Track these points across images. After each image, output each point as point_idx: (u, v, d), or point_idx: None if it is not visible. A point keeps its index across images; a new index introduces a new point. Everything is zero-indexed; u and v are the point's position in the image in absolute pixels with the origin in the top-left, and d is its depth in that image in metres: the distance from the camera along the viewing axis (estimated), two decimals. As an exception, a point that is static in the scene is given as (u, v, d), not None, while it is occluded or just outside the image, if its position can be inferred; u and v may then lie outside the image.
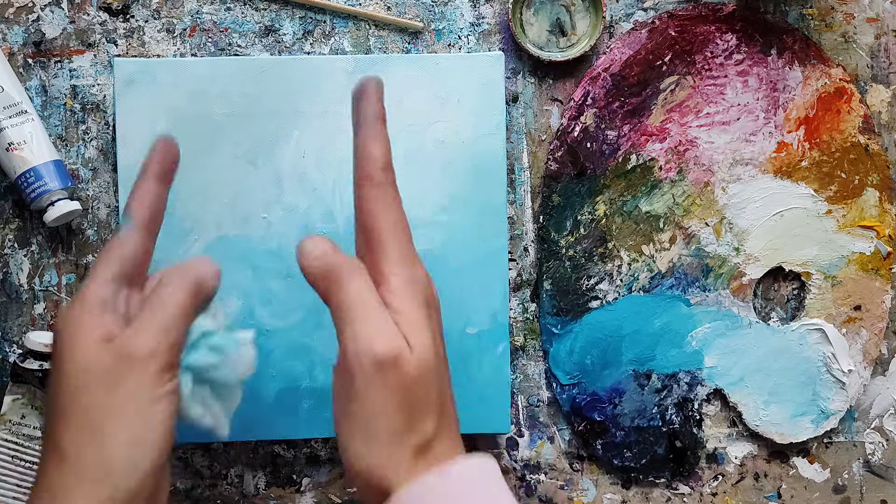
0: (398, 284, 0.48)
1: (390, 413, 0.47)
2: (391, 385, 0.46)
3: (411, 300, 0.48)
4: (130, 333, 0.46)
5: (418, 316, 0.48)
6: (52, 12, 0.64)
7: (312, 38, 0.65)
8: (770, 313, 0.67)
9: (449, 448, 0.48)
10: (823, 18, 0.67)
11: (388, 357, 0.46)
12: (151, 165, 0.50)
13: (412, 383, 0.47)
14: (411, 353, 0.47)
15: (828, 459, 0.68)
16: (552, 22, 0.66)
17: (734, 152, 0.66)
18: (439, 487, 0.46)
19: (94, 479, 0.45)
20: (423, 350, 0.47)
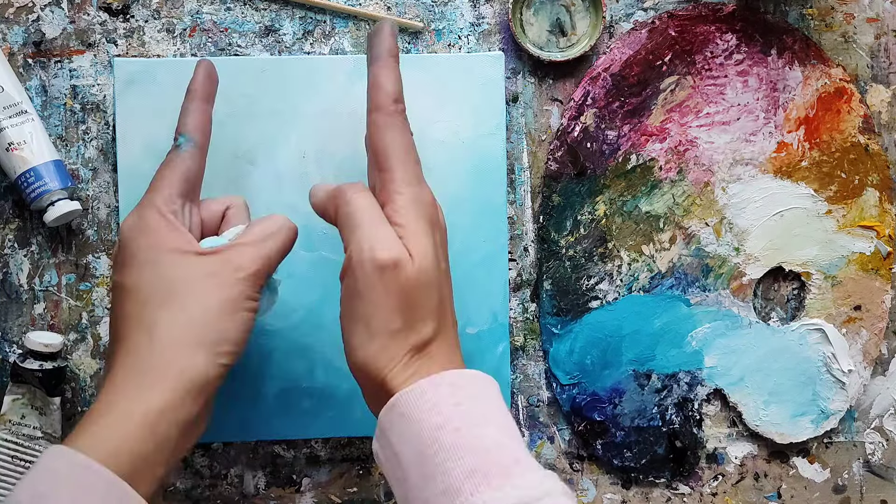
0: (403, 203, 0.52)
1: (389, 312, 0.50)
2: (391, 287, 0.50)
3: (415, 216, 0.52)
4: (238, 251, 0.52)
5: (420, 229, 0.52)
6: (52, 12, 0.64)
7: (312, 38, 0.65)
8: (770, 313, 0.67)
9: (447, 353, 0.52)
10: (823, 18, 0.67)
11: (388, 261, 0.50)
12: (199, 87, 0.56)
13: (411, 287, 0.51)
14: (412, 260, 0.51)
15: (828, 459, 0.68)
16: (552, 22, 0.66)
17: (734, 152, 0.66)
18: (431, 392, 0.49)
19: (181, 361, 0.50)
20: (422, 258, 0.51)
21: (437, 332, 0.52)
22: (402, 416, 0.49)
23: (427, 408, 0.49)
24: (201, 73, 0.56)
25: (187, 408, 0.50)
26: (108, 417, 0.48)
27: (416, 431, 0.48)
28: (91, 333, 0.65)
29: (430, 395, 0.49)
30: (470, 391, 0.50)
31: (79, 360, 0.65)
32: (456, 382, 0.50)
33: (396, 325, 0.50)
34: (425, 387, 0.49)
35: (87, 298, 0.65)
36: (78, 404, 0.65)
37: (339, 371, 0.63)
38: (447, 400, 0.49)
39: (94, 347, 0.65)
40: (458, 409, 0.49)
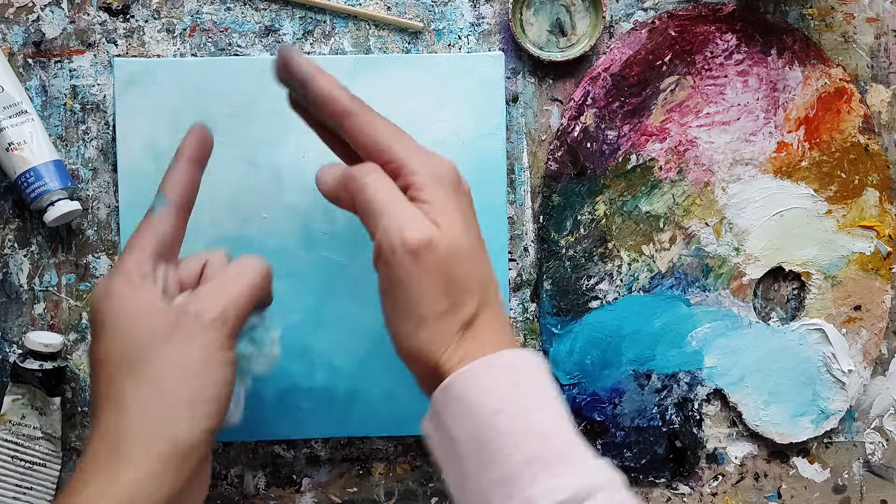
0: (421, 181, 0.50)
1: (433, 295, 0.49)
2: (429, 268, 0.48)
3: (438, 191, 0.50)
4: (198, 297, 0.49)
5: (445, 202, 0.50)
6: (52, 12, 0.64)
7: (312, 38, 0.65)
8: (770, 313, 0.67)
9: (494, 325, 0.50)
10: (823, 18, 0.67)
11: (420, 242, 0.48)
12: (186, 149, 0.52)
13: (448, 263, 0.49)
14: (442, 233, 0.49)
15: (828, 459, 0.68)
16: (552, 22, 0.66)
17: (734, 152, 0.66)
18: (487, 375, 0.48)
19: (153, 430, 0.46)
20: (452, 230, 0.49)
21: (481, 305, 0.50)
22: (457, 399, 0.48)
23: (484, 390, 0.47)
24: (192, 134, 0.52)
25: (169, 480, 0.46)
26: (78, 499, 0.45)
27: (472, 415, 0.47)
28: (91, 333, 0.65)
29: (487, 378, 0.48)
30: (526, 373, 0.49)
31: (79, 360, 0.65)
32: (512, 363, 0.49)
33: (443, 306, 0.49)
34: (481, 369, 0.48)
35: (87, 298, 0.65)
36: (78, 404, 0.65)
37: (339, 371, 0.63)
38: (504, 382, 0.48)
39: (94, 347, 0.65)
40: (514, 391, 0.47)
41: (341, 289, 0.63)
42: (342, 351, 0.63)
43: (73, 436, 0.65)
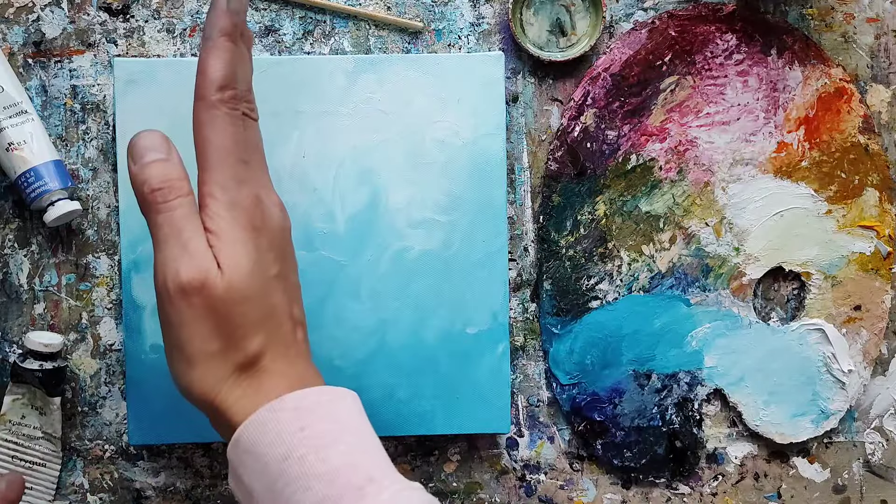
0: (216, 208, 0.48)
1: (202, 335, 0.47)
2: (199, 308, 0.47)
3: (230, 222, 0.47)
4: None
5: (235, 237, 0.47)
6: (52, 12, 0.64)
7: (312, 38, 0.65)
8: (770, 313, 0.67)
9: (285, 365, 0.49)
10: (823, 18, 0.67)
11: (191, 283, 0.46)
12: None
13: (223, 304, 0.47)
14: (221, 274, 0.47)
15: (828, 459, 0.68)
16: (552, 22, 0.66)
17: (734, 152, 0.66)
18: (272, 422, 0.46)
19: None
20: (234, 270, 0.47)
21: (266, 346, 0.48)
22: (247, 452, 0.46)
23: (270, 439, 0.46)
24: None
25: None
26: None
27: (262, 466, 0.46)
28: (91, 333, 0.65)
29: (272, 425, 0.46)
30: (315, 412, 0.47)
31: (79, 360, 0.65)
32: (298, 406, 0.47)
33: (213, 347, 0.47)
34: (265, 417, 0.46)
35: (87, 298, 0.65)
36: (78, 404, 0.65)
37: (339, 371, 0.63)
38: (290, 427, 0.46)
39: (94, 347, 0.65)
40: (302, 434, 0.46)
41: (341, 289, 0.63)
42: (342, 351, 0.63)
43: (73, 436, 0.65)
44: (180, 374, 0.48)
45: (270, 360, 0.48)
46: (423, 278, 0.64)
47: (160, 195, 0.47)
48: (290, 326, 0.50)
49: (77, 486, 0.65)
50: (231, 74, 0.48)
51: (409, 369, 0.64)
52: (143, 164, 0.48)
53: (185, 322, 0.47)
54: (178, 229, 0.47)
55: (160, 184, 0.47)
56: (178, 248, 0.47)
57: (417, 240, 0.64)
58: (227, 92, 0.48)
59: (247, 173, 0.49)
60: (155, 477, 0.65)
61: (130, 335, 0.63)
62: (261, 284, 0.48)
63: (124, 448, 0.65)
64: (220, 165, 0.48)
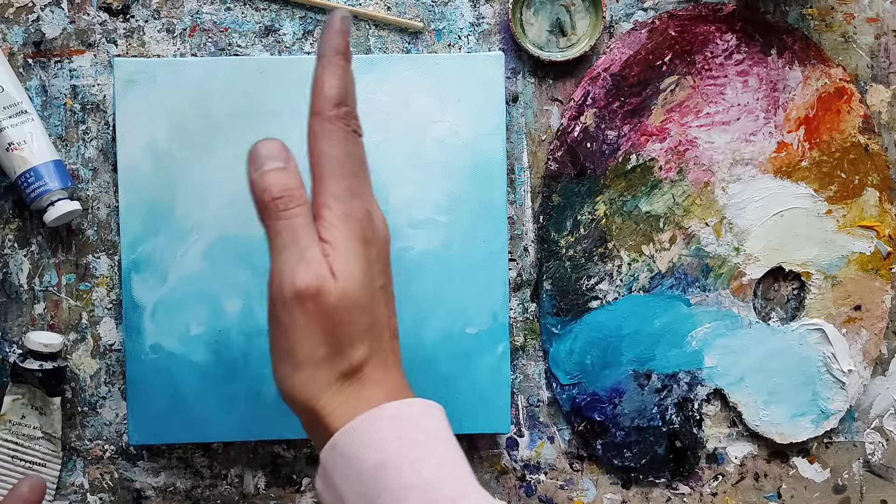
0: (332, 219, 0.49)
1: (312, 341, 0.48)
2: (312, 314, 0.48)
3: (344, 233, 0.49)
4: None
5: (347, 247, 0.49)
6: (52, 12, 0.64)
7: (312, 38, 0.65)
8: (770, 313, 0.67)
9: (383, 375, 0.50)
10: (823, 18, 0.67)
11: (308, 288, 0.47)
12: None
13: (335, 311, 0.48)
14: (335, 282, 0.48)
15: (828, 459, 0.68)
16: (552, 22, 0.66)
17: (734, 152, 0.66)
18: (370, 429, 0.47)
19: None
20: (347, 279, 0.48)
21: (370, 355, 0.49)
22: (343, 456, 0.47)
23: (367, 446, 0.47)
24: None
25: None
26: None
27: (358, 472, 0.47)
28: (91, 333, 0.65)
29: (371, 433, 0.47)
30: (411, 423, 0.48)
31: (79, 360, 0.65)
32: (395, 415, 0.48)
33: (321, 353, 0.48)
34: (364, 424, 0.47)
35: (87, 298, 0.65)
36: (78, 404, 0.65)
37: (339, 371, 0.63)
38: (387, 435, 0.47)
39: (94, 347, 0.65)
40: (398, 443, 0.47)
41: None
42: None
43: (73, 436, 0.65)
44: (285, 376, 0.49)
45: (371, 370, 0.50)
46: (423, 278, 0.64)
47: (281, 203, 0.49)
48: (388, 337, 0.51)
49: (77, 486, 0.65)
50: (346, 91, 0.50)
51: (409, 369, 0.63)
52: (263, 172, 0.49)
53: (298, 327, 0.48)
54: (297, 237, 0.48)
55: (281, 192, 0.49)
56: (296, 254, 0.48)
57: (417, 240, 0.64)
58: (343, 108, 0.50)
59: (358, 187, 0.50)
60: (155, 477, 0.65)
61: (130, 335, 0.63)
62: (369, 295, 0.49)
63: (124, 448, 0.65)
64: (336, 178, 0.49)
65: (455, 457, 0.48)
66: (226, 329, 0.63)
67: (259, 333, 0.63)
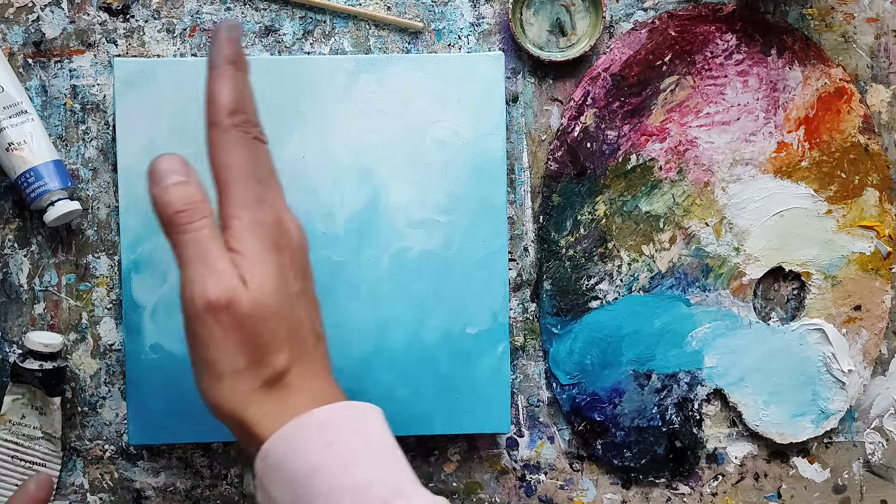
0: (240, 228, 0.48)
1: (230, 352, 0.48)
2: (226, 325, 0.47)
3: (254, 241, 0.48)
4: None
5: (258, 255, 0.48)
6: (52, 12, 0.64)
7: (312, 38, 0.65)
8: (770, 313, 0.67)
9: (309, 380, 0.50)
10: (823, 18, 0.67)
11: (219, 300, 0.47)
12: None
13: (249, 320, 0.48)
14: (247, 291, 0.47)
15: (828, 459, 0.68)
16: (552, 22, 0.66)
17: (734, 152, 0.66)
18: (299, 437, 0.47)
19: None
20: (259, 287, 0.48)
21: (292, 361, 0.49)
22: (275, 466, 0.47)
23: (298, 454, 0.46)
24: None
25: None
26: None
27: (290, 480, 0.46)
28: (91, 333, 0.65)
29: (300, 440, 0.47)
30: (343, 426, 0.48)
31: (79, 360, 0.65)
32: (324, 421, 0.47)
33: (241, 363, 0.48)
34: (292, 431, 0.47)
35: (87, 298, 0.65)
36: (78, 404, 0.65)
37: (340, 371, 0.63)
38: (318, 441, 0.47)
39: (94, 347, 0.65)
40: (329, 449, 0.46)
41: (341, 289, 0.63)
42: (342, 351, 0.63)
43: (73, 436, 0.65)
44: (208, 389, 0.49)
45: (296, 376, 0.49)
46: (423, 278, 0.64)
47: (185, 216, 0.48)
48: (312, 342, 0.51)
49: (77, 486, 0.65)
50: (240, 99, 0.50)
51: (409, 369, 0.64)
52: (164, 187, 0.49)
53: (213, 339, 0.48)
54: (204, 249, 0.48)
55: (184, 206, 0.48)
56: (204, 266, 0.47)
57: (417, 240, 0.64)
58: (239, 116, 0.49)
59: (265, 193, 0.50)
60: (155, 477, 0.65)
61: (130, 335, 0.63)
62: (285, 301, 0.49)
63: (124, 448, 0.65)
64: (241, 186, 0.49)
65: (392, 457, 0.48)
66: (226, 329, 0.63)
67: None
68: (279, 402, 0.48)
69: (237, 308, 0.47)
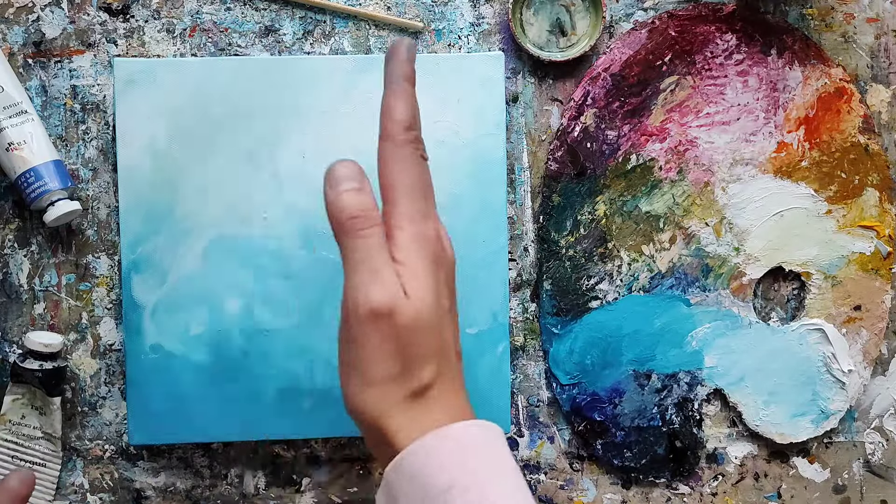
0: (404, 240, 0.50)
1: (385, 359, 0.49)
2: (385, 333, 0.49)
3: (416, 254, 0.50)
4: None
5: (420, 268, 0.50)
6: (52, 12, 0.64)
7: (312, 38, 0.65)
8: (770, 313, 0.67)
9: (449, 396, 0.51)
10: (823, 18, 0.67)
11: (382, 307, 0.48)
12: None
13: (407, 331, 0.49)
14: (409, 302, 0.49)
15: (828, 459, 0.68)
16: (552, 22, 0.66)
17: (734, 152, 0.66)
18: (437, 450, 0.48)
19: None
20: (419, 299, 0.49)
21: (437, 375, 0.50)
22: (409, 476, 0.48)
23: (434, 468, 0.47)
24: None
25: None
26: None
27: (423, 493, 0.47)
28: (91, 333, 0.65)
29: (437, 454, 0.48)
30: (478, 446, 0.49)
31: (79, 360, 0.65)
32: (462, 437, 0.48)
33: (393, 371, 0.49)
34: (431, 444, 0.48)
35: (87, 298, 0.65)
36: (78, 404, 0.65)
37: (339, 371, 0.63)
38: (454, 458, 0.48)
39: (94, 347, 0.65)
40: (465, 467, 0.47)
41: (341, 289, 0.63)
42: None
43: (73, 436, 0.65)
44: (355, 393, 0.50)
45: (439, 391, 0.50)
46: (423, 278, 0.64)
47: (358, 223, 0.49)
48: (455, 359, 0.52)
49: (77, 486, 0.65)
50: (414, 117, 0.51)
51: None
52: (339, 192, 0.50)
53: (371, 345, 0.49)
54: (371, 256, 0.49)
55: (358, 212, 0.50)
56: (371, 273, 0.49)
57: (417, 240, 0.64)
58: (412, 133, 0.51)
59: (428, 209, 0.51)
60: (155, 477, 0.65)
61: (130, 335, 0.63)
62: (439, 316, 0.50)
63: (124, 448, 0.65)
64: (408, 200, 0.50)
65: (520, 483, 0.49)
66: (226, 329, 0.63)
67: (259, 333, 0.63)
68: (420, 414, 0.49)
69: (398, 318, 0.48)
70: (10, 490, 0.53)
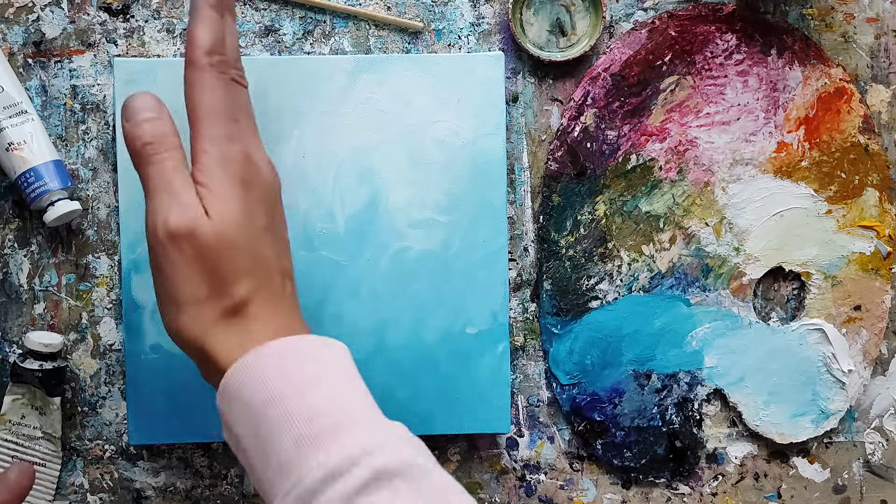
0: (207, 162, 0.50)
1: (191, 280, 0.49)
2: (188, 254, 0.49)
3: (221, 176, 0.50)
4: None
5: (224, 189, 0.50)
6: (52, 12, 0.64)
7: (312, 38, 0.65)
8: (770, 313, 0.67)
9: (272, 311, 0.50)
10: (823, 18, 0.67)
11: (181, 228, 0.48)
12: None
13: (211, 251, 0.49)
14: (210, 222, 0.49)
15: (828, 459, 0.68)
16: (552, 22, 0.66)
17: (734, 152, 0.66)
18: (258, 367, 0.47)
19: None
20: (222, 219, 0.49)
21: (254, 293, 0.50)
22: (233, 397, 0.48)
23: (255, 385, 0.47)
24: None
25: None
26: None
27: (247, 411, 0.47)
28: (91, 333, 0.65)
29: (257, 370, 0.47)
30: (301, 357, 0.48)
31: (79, 360, 0.65)
32: (284, 352, 0.48)
33: (202, 292, 0.49)
34: (251, 361, 0.48)
35: (87, 298, 0.65)
36: (78, 404, 0.65)
37: (339, 371, 0.63)
38: (274, 372, 0.47)
39: (94, 347, 0.65)
40: (286, 379, 0.47)
41: (341, 289, 0.63)
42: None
43: (73, 436, 0.65)
44: (170, 319, 0.50)
45: (258, 308, 0.50)
46: (423, 278, 0.64)
47: (151, 148, 0.50)
48: (279, 279, 0.51)
49: (77, 486, 0.65)
50: (218, 41, 0.51)
51: (409, 369, 0.64)
52: (136, 122, 0.51)
53: (175, 268, 0.49)
54: (168, 180, 0.49)
55: (151, 138, 0.50)
56: (168, 197, 0.49)
57: (417, 240, 0.64)
58: (216, 57, 0.51)
59: (237, 132, 0.51)
60: (155, 477, 0.65)
61: (130, 335, 0.63)
62: (249, 234, 0.50)
63: (124, 448, 0.65)
64: (211, 123, 0.50)
65: (350, 385, 0.48)
66: (226, 329, 0.63)
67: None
68: (241, 332, 0.49)
69: (199, 238, 0.49)
70: (11, 482, 0.53)
